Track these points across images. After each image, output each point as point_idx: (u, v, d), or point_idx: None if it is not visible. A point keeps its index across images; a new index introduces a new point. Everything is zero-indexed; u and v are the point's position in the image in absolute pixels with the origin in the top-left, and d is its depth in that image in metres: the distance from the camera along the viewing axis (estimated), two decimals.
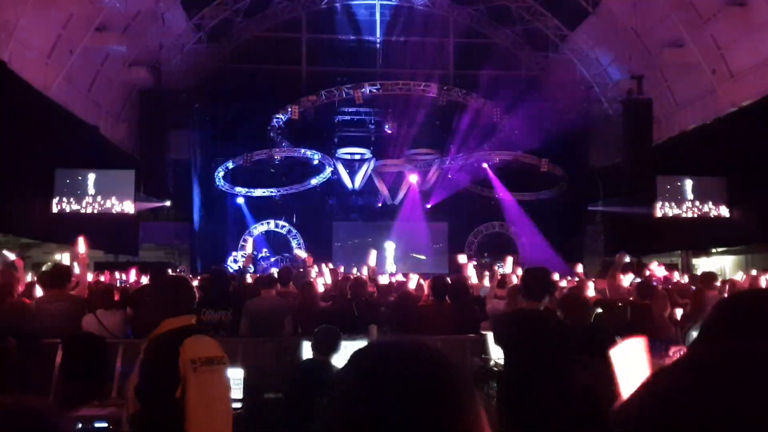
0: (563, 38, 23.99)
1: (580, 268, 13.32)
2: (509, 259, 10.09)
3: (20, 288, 7.28)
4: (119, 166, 19.39)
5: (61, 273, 7.08)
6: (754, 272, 11.97)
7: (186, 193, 22.76)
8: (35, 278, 8.50)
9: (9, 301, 6.54)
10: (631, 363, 1.60)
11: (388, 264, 23.85)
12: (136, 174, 18.75)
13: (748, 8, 16.43)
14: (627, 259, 8.88)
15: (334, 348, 5.04)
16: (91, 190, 17.95)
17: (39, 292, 7.34)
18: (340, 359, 5.07)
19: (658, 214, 18.95)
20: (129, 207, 18.36)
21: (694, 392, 0.81)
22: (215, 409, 3.16)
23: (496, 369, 5.70)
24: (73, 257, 9.00)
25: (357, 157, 24.54)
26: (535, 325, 4.55)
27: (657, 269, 12.32)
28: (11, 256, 8.76)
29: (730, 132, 17.50)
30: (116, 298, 7.21)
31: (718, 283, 8.45)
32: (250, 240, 19.35)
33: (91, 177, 18.02)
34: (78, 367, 5.81)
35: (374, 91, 23.60)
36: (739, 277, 11.83)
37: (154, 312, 3.50)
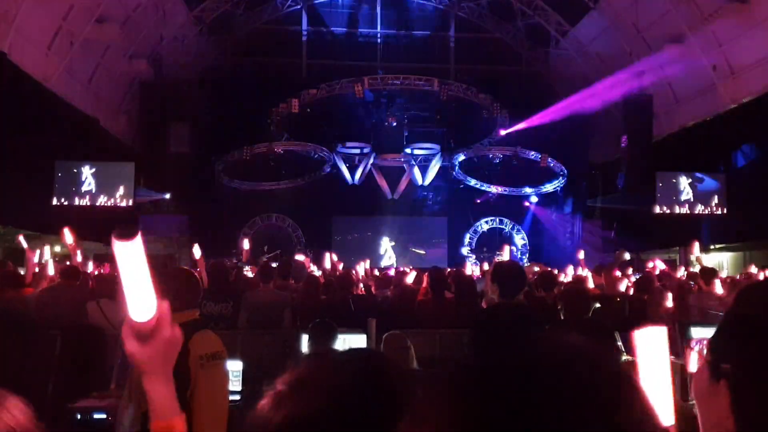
0: (564, 33, 23.96)
1: (581, 255, 13.10)
2: (507, 248, 9.95)
3: (28, 278, 7.34)
4: (119, 158, 19.37)
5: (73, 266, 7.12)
6: (753, 269, 11.98)
7: (186, 185, 22.73)
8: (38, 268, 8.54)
9: (10, 292, 6.56)
10: (651, 353, 1.52)
11: (386, 258, 23.97)
12: (136, 166, 18.74)
13: (750, 5, 16.41)
14: (627, 257, 8.88)
15: (330, 342, 5.05)
16: (91, 183, 17.96)
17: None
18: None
19: (658, 210, 18.94)
20: (128, 199, 18.35)
21: None
22: (217, 401, 3.18)
23: None
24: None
25: (357, 151, 24.52)
26: (512, 320, 4.51)
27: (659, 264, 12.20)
28: (24, 243, 8.79)
29: (730, 128, 17.51)
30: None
31: (719, 279, 8.45)
32: (246, 240, 19.12)
33: (91, 169, 18.01)
34: (77, 358, 5.82)
35: (375, 84, 23.59)
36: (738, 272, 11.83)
37: None
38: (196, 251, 8.65)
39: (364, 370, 1.01)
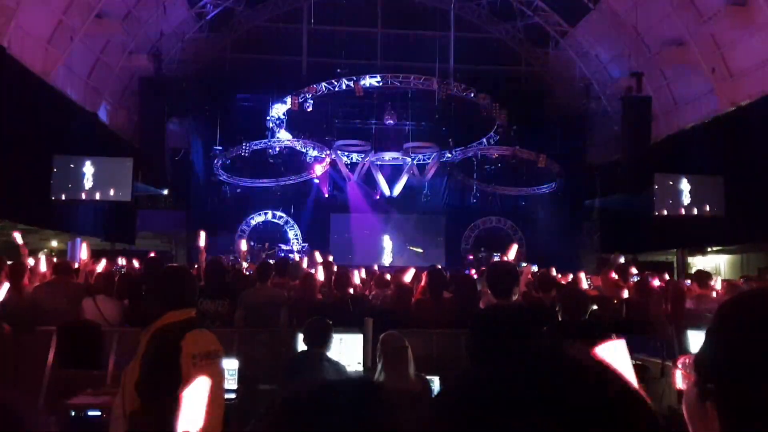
0: (563, 34, 23.97)
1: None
2: (514, 247, 9.59)
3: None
4: (118, 153, 19.31)
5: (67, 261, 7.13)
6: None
7: (184, 181, 22.72)
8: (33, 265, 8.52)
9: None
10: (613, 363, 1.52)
11: (385, 257, 23.98)
12: (134, 162, 18.68)
13: (749, 8, 16.42)
14: (621, 260, 8.87)
15: (324, 340, 5.04)
16: (89, 177, 17.89)
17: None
18: (332, 351, 5.10)
19: (656, 212, 18.91)
20: (127, 195, 18.30)
21: None
22: (211, 400, 3.17)
23: None
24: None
25: (356, 149, 24.53)
26: (508, 322, 4.51)
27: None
28: (19, 239, 8.78)
29: (728, 131, 17.52)
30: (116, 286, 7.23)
31: (713, 283, 8.47)
32: (243, 242, 19.13)
33: (90, 164, 17.95)
34: (72, 355, 5.82)
35: (374, 83, 23.57)
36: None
37: (156, 303, 3.46)
38: (202, 239, 8.96)
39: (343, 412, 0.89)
